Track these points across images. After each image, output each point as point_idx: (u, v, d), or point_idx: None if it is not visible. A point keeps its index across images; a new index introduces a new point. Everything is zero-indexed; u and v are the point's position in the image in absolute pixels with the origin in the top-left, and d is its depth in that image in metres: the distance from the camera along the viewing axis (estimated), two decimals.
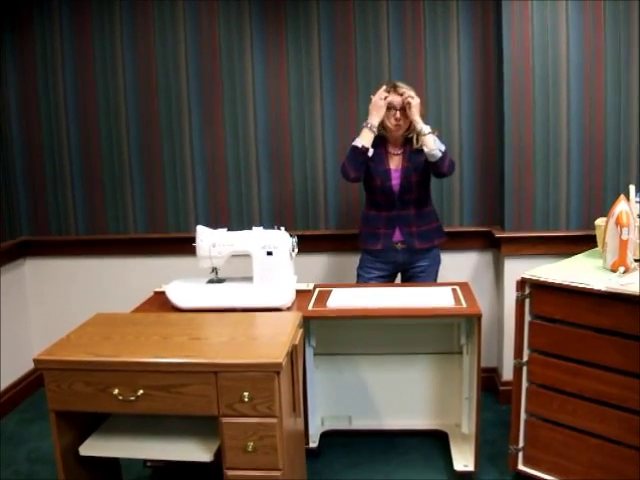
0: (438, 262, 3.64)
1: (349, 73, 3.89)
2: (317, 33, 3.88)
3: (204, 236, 3.20)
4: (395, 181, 3.44)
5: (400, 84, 3.42)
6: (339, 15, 3.85)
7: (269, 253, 3.13)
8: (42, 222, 4.24)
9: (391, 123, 3.40)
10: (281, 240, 3.15)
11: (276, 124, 3.98)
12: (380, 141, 3.48)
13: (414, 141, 3.43)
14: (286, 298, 3.07)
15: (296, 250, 3.22)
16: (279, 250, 3.13)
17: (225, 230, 3.25)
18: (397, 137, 3.48)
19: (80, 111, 4.09)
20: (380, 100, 3.35)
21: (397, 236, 3.49)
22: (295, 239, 3.22)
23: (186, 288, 3.19)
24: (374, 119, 3.35)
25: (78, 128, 4.11)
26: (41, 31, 4.03)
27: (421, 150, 3.39)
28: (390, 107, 3.38)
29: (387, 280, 3.59)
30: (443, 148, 3.37)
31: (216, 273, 3.27)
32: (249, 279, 3.20)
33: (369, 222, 3.54)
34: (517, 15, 3.56)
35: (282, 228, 3.24)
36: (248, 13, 3.89)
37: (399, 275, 3.67)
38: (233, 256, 3.23)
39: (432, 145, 3.32)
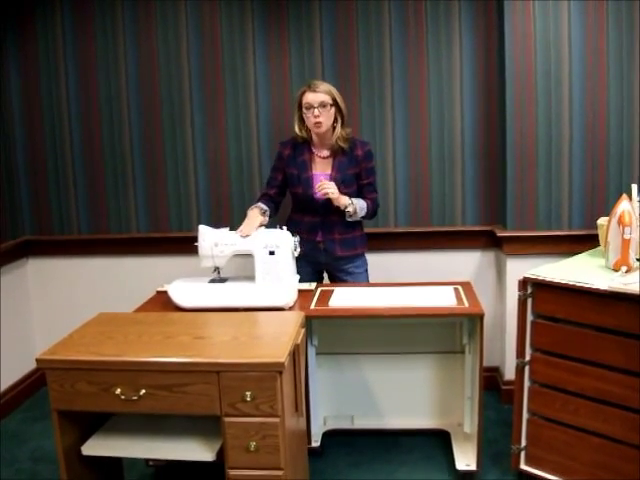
0: (365, 265, 3.63)
1: (351, 72, 3.89)
2: (319, 31, 3.88)
3: (206, 235, 3.21)
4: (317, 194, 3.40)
5: (315, 81, 3.40)
6: (341, 13, 3.85)
7: (271, 253, 3.13)
8: (44, 222, 4.25)
9: (311, 122, 3.35)
10: (283, 240, 3.15)
11: (279, 123, 3.98)
12: (305, 145, 3.47)
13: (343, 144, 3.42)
14: (288, 298, 3.07)
15: (298, 249, 3.22)
16: (281, 250, 3.14)
17: (227, 229, 3.25)
18: (322, 136, 3.43)
19: (82, 110, 4.10)
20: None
21: (319, 236, 3.49)
22: (297, 239, 3.22)
23: (188, 288, 3.19)
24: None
25: (80, 127, 4.12)
26: (43, 32, 4.04)
27: (350, 159, 3.42)
28: (308, 107, 3.33)
29: (314, 280, 3.51)
30: (364, 212, 3.42)
31: (218, 272, 3.27)
32: (251, 278, 3.21)
33: (291, 227, 3.39)
34: (519, 14, 3.55)
35: (284, 228, 3.24)
36: (250, 12, 3.89)
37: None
38: (235, 255, 3.23)
39: (356, 216, 3.39)
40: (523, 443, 3.00)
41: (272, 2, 3.87)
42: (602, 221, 3.17)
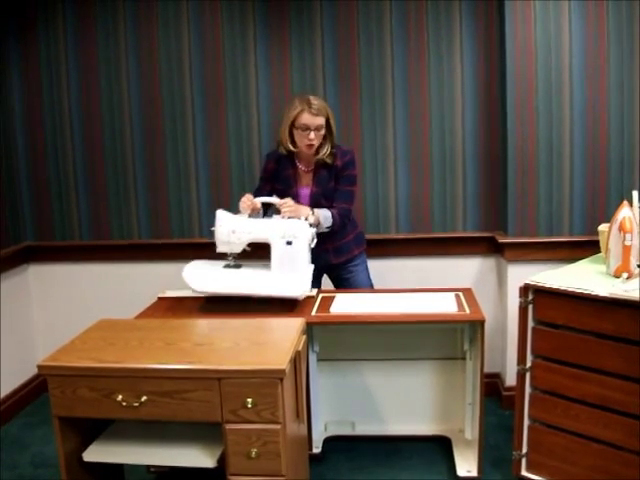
0: (364, 263, 3.62)
1: (352, 76, 3.90)
2: (320, 36, 3.89)
3: (224, 221, 3.18)
4: (304, 203, 3.38)
5: (314, 102, 3.30)
6: (342, 18, 3.86)
7: (289, 243, 3.12)
8: (46, 228, 4.25)
9: (304, 143, 3.32)
10: (301, 230, 3.13)
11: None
12: (288, 160, 3.45)
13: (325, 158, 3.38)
14: (303, 289, 3.07)
15: (315, 240, 3.20)
16: (299, 240, 3.12)
17: (246, 216, 3.23)
18: (307, 155, 3.41)
19: (84, 116, 4.10)
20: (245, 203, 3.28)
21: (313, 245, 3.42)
22: (314, 230, 3.20)
23: (203, 271, 3.18)
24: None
25: (82, 133, 4.12)
26: (45, 37, 4.05)
27: (330, 172, 3.39)
28: (304, 128, 3.28)
29: (313, 285, 3.44)
30: (329, 223, 3.34)
31: (233, 259, 3.26)
32: (265, 266, 3.20)
33: None
34: (520, 17, 3.56)
35: (302, 218, 3.22)
36: (252, 16, 3.90)
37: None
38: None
39: (321, 227, 3.32)
40: (524, 449, 3.00)
41: (273, 5, 3.88)
42: (603, 227, 3.17)
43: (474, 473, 3.07)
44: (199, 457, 2.43)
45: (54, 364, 2.40)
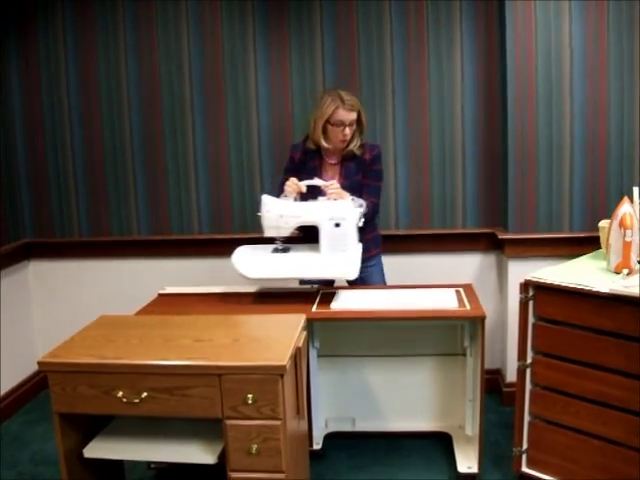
0: (379, 264, 3.61)
1: (352, 75, 3.89)
2: (320, 35, 3.88)
3: (271, 206, 3.18)
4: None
5: (346, 97, 3.29)
6: (342, 17, 3.85)
7: (337, 225, 3.12)
8: (45, 224, 4.25)
9: (338, 138, 3.32)
10: (349, 211, 3.14)
11: (279, 126, 3.98)
12: (315, 151, 3.44)
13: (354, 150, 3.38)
14: (353, 269, 3.09)
15: (362, 220, 3.20)
16: (347, 221, 3.12)
17: (292, 199, 3.23)
18: (336, 149, 3.42)
19: (83, 113, 4.10)
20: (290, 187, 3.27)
21: None
22: (362, 210, 3.19)
23: (253, 258, 3.19)
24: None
25: (81, 130, 4.12)
26: (44, 35, 4.04)
27: (358, 164, 3.39)
28: (339, 124, 3.29)
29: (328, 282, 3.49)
30: (364, 210, 3.29)
31: (281, 243, 3.26)
32: (313, 249, 3.21)
33: (303, 231, 3.42)
34: (520, 16, 3.55)
35: (351, 198, 3.23)
36: (251, 16, 3.89)
37: None
38: None
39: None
40: (524, 446, 3.00)
41: (273, 5, 3.87)
42: (603, 224, 3.17)
43: (474, 469, 3.07)
44: (199, 453, 2.43)
45: (54, 361, 2.40)
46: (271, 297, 3.31)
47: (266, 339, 2.54)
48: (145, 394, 2.32)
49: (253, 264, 3.16)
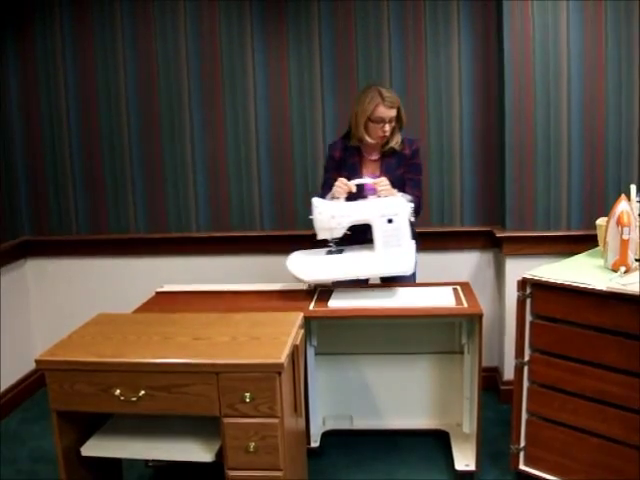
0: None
1: (350, 72, 3.89)
2: (318, 32, 3.88)
3: (322, 208, 3.17)
4: (369, 193, 3.34)
5: (386, 94, 3.27)
6: (340, 14, 3.85)
7: (390, 221, 3.11)
8: (43, 222, 4.25)
9: (378, 134, 3.31)
10: (400, 206, 3.13)
11: (277, 124, 3.98)
12: (354, 148, 3.42)
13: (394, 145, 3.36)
14: (410, 264, 3.09)
15: (413, 217, 3.19)
16: (399, 217, 3.12)
17: (342, 201, 3.22)
18: (375, 145, 3.40)
19: (81, 111, 4.10)
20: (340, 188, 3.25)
21: (368, 235, 3.30)
22: (413, 205, 3.18)
23: (309, 261, 3.19)
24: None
25: (79, 128, 4.12)
26: (42, 33, 4.04)
27: (398, 159, 3.38)
28: (379, 120, 3.27)
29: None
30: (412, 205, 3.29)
31: (334, 244, 3.25)
32: (366, 247, 3.22)
33: None
34: (518, 14, 3.55)
35: (400, 194, 3.23)
36: (249, 13, 3.89)
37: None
38: None
39: None
40: (522, 443, 3.00)
41: (271, 2, 3.87)
42: (601, 221, 3.17)
43: (472, 467, 3.07)
44: (197, 451, 2.43)
45: (52, 359, 2.40)
46: (269, 295, 3.31)
47: (264, 337, 2.54)
48: (143, 392, 2.32)
49: (309, 267, 3.15)
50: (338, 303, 3.11)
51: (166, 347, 2.44)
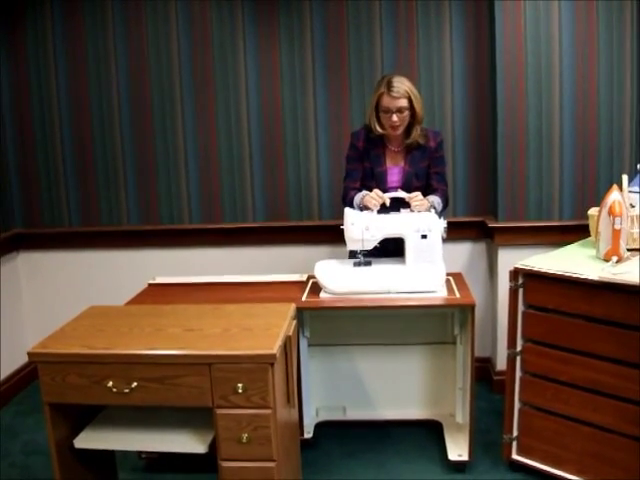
0: None
1: (342, 65, 3.88)
2: (310, 25, 3.87)
3: (355, 219, 3.13)
4: (392, 184, 3.34)
5: (395, 84, 3.22)
6: (332, 6, 3.84)
7: (424, 236, 3.10)
8: (35, 215, 4.23)
9: (388, 125, 3.27)
10: (435, 223, 3.11)
11: (269, 116, 3.97)
12: (378, 138, 3.37)
13: (416, 137, 3.32)
14: (439, 282, 3.07)
15: (445, 234, 3.16)
16: (433, 233, 3.09)
17: (375, 213, 3.18)
18: (396, 136, 3.35)
19: (73, 103, 4.08)
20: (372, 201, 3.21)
21: None
22: (445, 223, 3.14)
23: (337, 272, 3.16)
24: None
25: (71, 120, 4.10)
26: (33, 25, 4.01)
27: (423, 152, 3.35)
28: (386, 110, 3.23)
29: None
30: (441, 208, 3.31)
31: (363, 256, 3.21)
32: (396, 261, 3.20)
33: None
34: (510, 5, 3.55)
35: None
36: (240, 6, 3.87)
37: None
38: None
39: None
40: (515, 433, 3.02)
41: None
42: (593, 211, 3.18)
43: (465, 457, 3.08)
44: (190, 443, 2.43)
45: (44, 351, 2.39)
46: (261, 286, 3.31)
47: (256, 328, 2.54)
48: (135, 384, 2.32)
49: (338, 278, 3.12)
50: (330, 293, 3.11)
51: (158, 339, 2.44)
